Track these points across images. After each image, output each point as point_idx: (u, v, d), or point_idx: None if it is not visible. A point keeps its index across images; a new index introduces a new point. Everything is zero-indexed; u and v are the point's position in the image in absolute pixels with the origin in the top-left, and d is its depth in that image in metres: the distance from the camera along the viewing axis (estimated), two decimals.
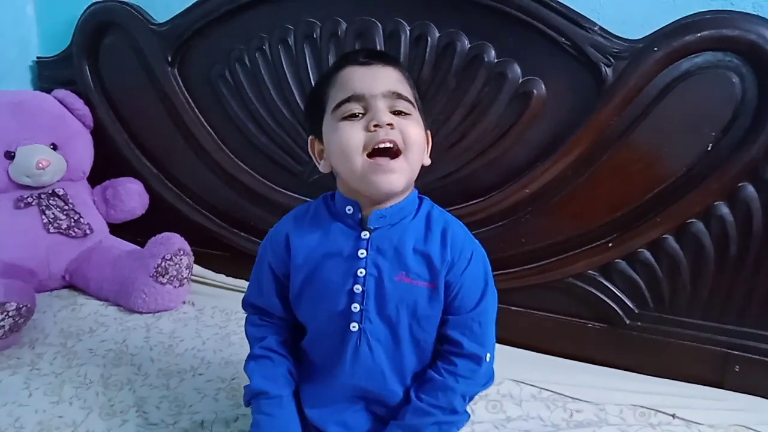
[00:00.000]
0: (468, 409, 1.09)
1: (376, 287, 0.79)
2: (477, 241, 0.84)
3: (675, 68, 1.21)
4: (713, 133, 1.22)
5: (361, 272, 0.79)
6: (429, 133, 0.85)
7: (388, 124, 0.74)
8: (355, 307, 0.79)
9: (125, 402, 1.13)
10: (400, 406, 0.82)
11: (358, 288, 0.79)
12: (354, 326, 0.80)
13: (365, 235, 0.80)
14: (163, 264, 1.49)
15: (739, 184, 1.21)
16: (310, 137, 0.85)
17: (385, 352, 0.81)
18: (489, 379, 0.84)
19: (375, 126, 0.74)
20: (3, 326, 1.25)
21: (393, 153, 0.75)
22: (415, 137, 0.76)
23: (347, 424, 0.83)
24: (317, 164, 0.84)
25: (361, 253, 0.79)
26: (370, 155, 0.75)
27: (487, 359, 0.81)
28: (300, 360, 0.91)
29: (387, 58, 0.81)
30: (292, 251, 0.84)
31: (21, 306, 1.29)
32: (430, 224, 0.81)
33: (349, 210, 0.81)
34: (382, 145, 0.74)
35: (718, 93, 1.20)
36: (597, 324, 1.38)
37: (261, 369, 0.87)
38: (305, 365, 0.89)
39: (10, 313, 1.26)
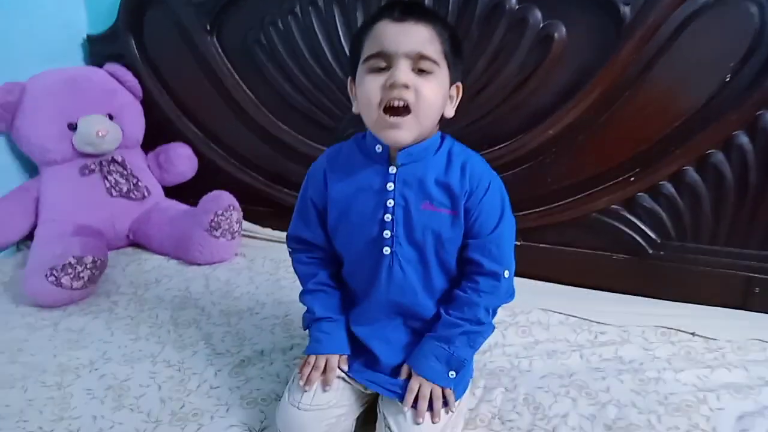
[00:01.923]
0: (499, 334, 1.21)
1: (404, 215, 0.89)
2: (494, 172, 0.93)
3: (692, 3, 1.25)
4: (731, 64, 1.25)
5: (390, 203, 0.89)
6: (459, 85, 0.92)
7: (404, 85, 0.81)
8: (387, 233, 0.90)
9: (194, 337, 1.28)
10: (433, 321, 0.93)
11: (388, 217, 0.89)
12: (386, 250, 0.90)
13: (393, 170, 0.89)
14: (215, 219, 1.63)
15: (758, 113, 1.25)
16: (349, 78, 0.93)
17: (415, 271, 0.91)
18: (510, 295, 0.94)
19: (391, 85, 0.82)
20: (83, 277, 1.42)
21: (404, 110, 0.83)
22: (428, 97, 0.83)
23: (389, 339, 0.95)
24: (354, 103, 0.93)
25: (390, 186, 0.89)
26: (385, 110, 0.83)
27: (506, 275, 0.90)
28: (342, 288, 1.02)
29: (422, 14, 0.85)
30: (328, 186, 0.94)
31: (96, 259, 1.45)
32: (451, 158, 0.90)
33: (378, 149, 0.90)
34: (394, 104, 0.82)
35: (735, 25, 1.23)
36: (622, 256, 1.46)
37: (318, 300, 1.00)
38: (347, 292, 1.01)
39: (88, 266, 1.43)
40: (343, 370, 0.94)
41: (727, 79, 1.26)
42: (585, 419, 0.99)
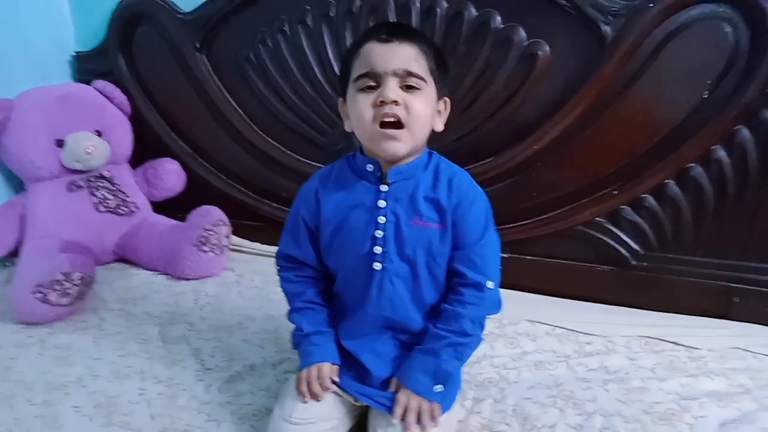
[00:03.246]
0: (487, 345, 1.22)
1: (395, 231, 0.91)
2: (480, 188, 0.95)
3: (671, 22, 1.29)
4: (708, 81, 1.30)
5: (381, 219, 0.91)
6: (447, 100, 0.95)
7: (394, 101, 0.84)
8: (378, 249, 0.92)
9: (183, 352, 1.28)
10: (422, 334, 0.94)
11: (379, 233, 0.91)
12: (377, 265, 0.92)
13: (384, 188, 0.92)
14: (204, 234, 1.63)
15: (735, 128, 1.29)
16: (340, 99, 0.96)
17: (405, 286, 0.93)
18: (496, 306, 0.95)
19: (381, 102, 0.85)
20: (70, 294, 1.41)
21: (397, 125, 0.86)
22: (419, 111, 0.86)
23: (378, 352, 0.96)
24: (345, 122, 0.95)
25: (381, 204, 0.92)
26: (381, 126, 0.86)
27: (490, 287, 0.91)
28: (333, 303, 1.04)
29: (407, 34, 0.89)
30: (321, 206, 0.96)
31: (84, 275, 1.45)
32: (438, 174, 0.93)
33: (369, 168, 0.93)
34: (386, 119, 0.85)
35: (712, 43, 1.28)
36: (605, 267, 1.49)
37: (307, 318, 1.01)
38: (338, 306, 1.02)
39: (76, 282, 1.42)
40: (334, 382, 0.95)
41: (705, 95, 1.30)
42: (572, 429, 1.01)
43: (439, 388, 0.90)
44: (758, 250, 1.35)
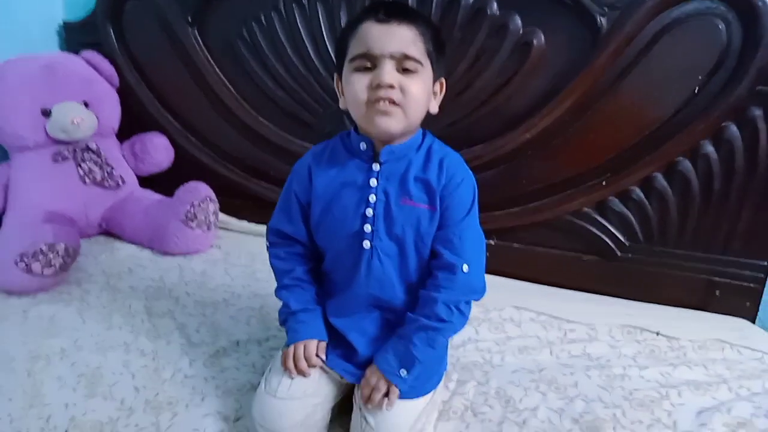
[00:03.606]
0: (472, 329, 1.23)
1: (384, 210, 0.91)
2: (470, 171, 0.95)
3: (665, 16, 1.30)
4: (699, 77, 1.31)
5: (372, 198, 0.91)
6: (442, 81, 0.95)
7: (389, 85, 0.84)
8: (367, 228, 0.92)
9: (168, 327, 1.27)
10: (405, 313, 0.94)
11: (369, 212, 0.92)
12: (366, 244, 0.92)
13: (376, 167, 0.92)
14: (192, 210, 1.62)
15: (723, 124, 1.31)
16: (335, 75, 0.95)
17: (393, 265, 0.93)
18: (475, 292, 0.93)
19: (377, 85, 0.84)
20: (54, 265, 1.39)
21: (391, 103, 0.85)
22: (414, 94, 0.86)
23: (365, 330, 0.96)
24: (340, 99, 0.95)
25: (372, 183, 0.91)
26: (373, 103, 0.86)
27: (464, 270, 0.90)
28: (322, 280, 1.04)
29: (405, 14, 0.88)
30: (313, 182, 0.96)
31: (68, 247, 1.43)
32: (430, 155, 0.93)
33: (363, 146, 0.92)
34: (381, 103, 0.85)
35: (704, 39, 1.29)
36: (591, 257, 1.51)
37: (293, 295, 1.00)
38: (327, 284, 1.02)
39: (60, 253, 1.40)
40: (321, 359, 0.95)
41: (696, 91, 1.32)
42: (554, 413, 1.03)
43: (403, 372, 0.90)
44: (741, 246, 1.38)
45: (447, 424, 0.99)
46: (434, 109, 0.94)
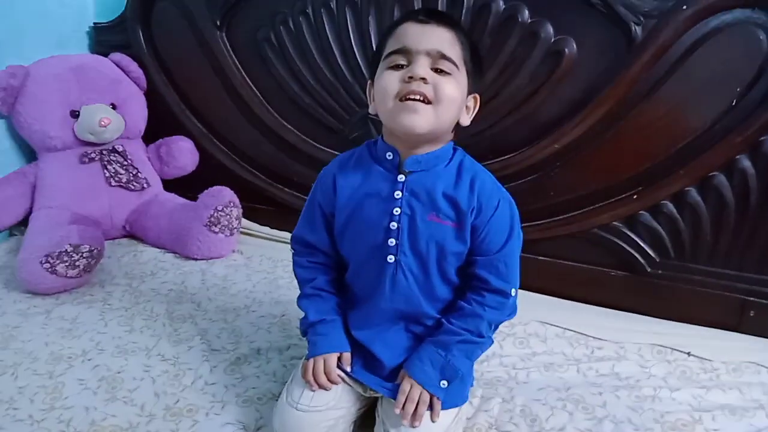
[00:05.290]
0: (496, 344, 1.20)
1: (409, 225, 0.89)
2: (504, 189, 0.93)
3: (703, 25, 1.26)
4: (738, 89, 1.27)
5: (396, 211, 0.89)
6: (476, 97, 0.92)
7: (422, 78, 0.81)
8: (392, 241, 0.89)
9: (189, 332, 1.27)
10: (435, 327, 0.92)
11: (393, 225, 0.89)
12: (390, 258, 0.90)
13: (401, 178, 0.89)
14: (215, 214, 1.62)
15: (761, 138, 1.26)
16: (369, 81, 0.93)
17: (417, 281, 0.91)
18: (513, 312, 0.93)
19: (409, 78, 0.82)
20: (78, 266, 1.40)
21: (422, 101, 0.82)
22: (447, 94, 0.83)
23: (390, 342, 0.94)
24: (370, 105, 0.92)
25: (397, 195, 0.89)
26: (402, 101, 0.83)
27: (512, 294, 0.90)
28: (345, 292, 1.01)
29: (445, 19, 0.87)
30: (337, 191, 0.94)
31: (93, 248, 1.44)
32: (460, 172, 0.89)
33: (389, 156, 0.90)
34: (411, 96, 0.82)
35: (744, 50, 1.25)
36: (620, 272, 1.47)
37: (314, 305, 0.99)
38: (350, 296, 1.00)
39: (84, 254, 1.41)
40: (344, 370, 0.94)
41: (734, 103, 1.27)
42: None
43: (444, 383, 0.88)
44: None
45: None
46: (466, 121, 0.91)
